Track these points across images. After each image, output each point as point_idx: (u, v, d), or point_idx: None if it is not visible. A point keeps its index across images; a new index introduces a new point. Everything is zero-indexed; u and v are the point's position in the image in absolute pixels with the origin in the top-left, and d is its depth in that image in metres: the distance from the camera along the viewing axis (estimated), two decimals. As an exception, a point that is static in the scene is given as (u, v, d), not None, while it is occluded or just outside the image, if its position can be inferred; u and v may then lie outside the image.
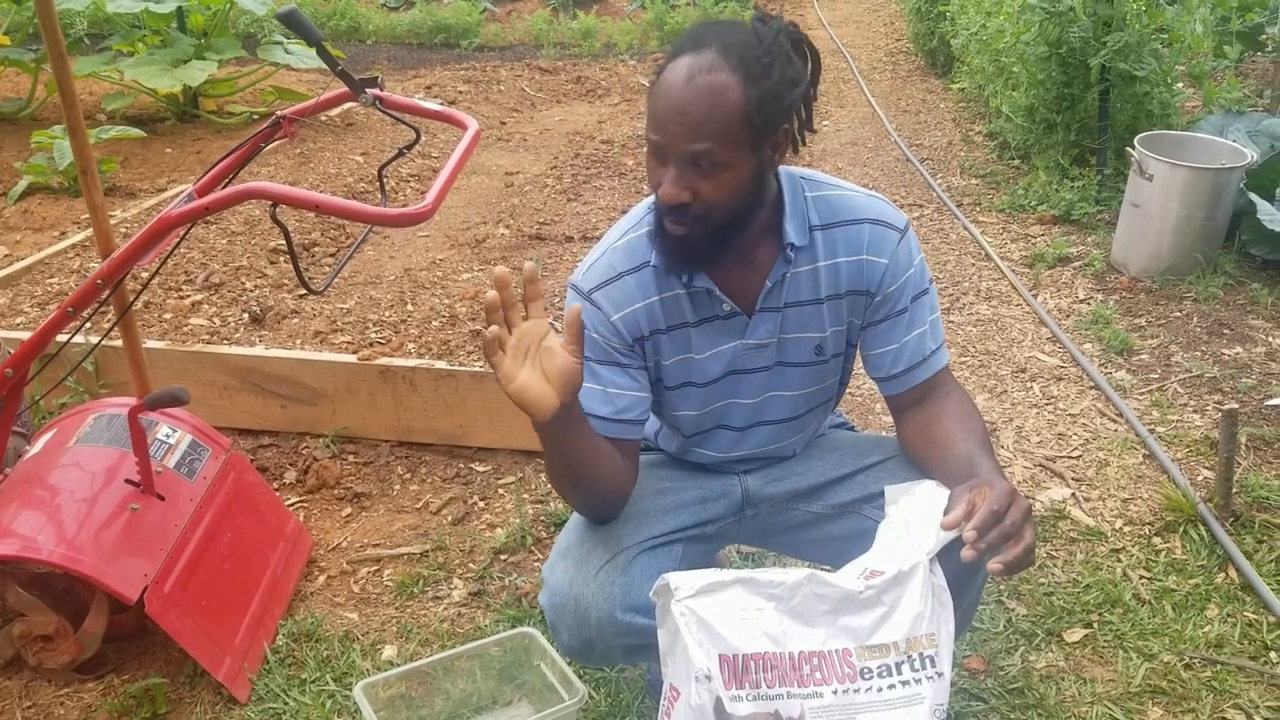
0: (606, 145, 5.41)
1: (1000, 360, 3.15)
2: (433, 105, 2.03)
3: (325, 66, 1.98)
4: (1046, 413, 2.84)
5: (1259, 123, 4.02)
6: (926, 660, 1.31)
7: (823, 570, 1.35)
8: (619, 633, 1.52)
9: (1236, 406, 2.30)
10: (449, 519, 2.47)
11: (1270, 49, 5.03)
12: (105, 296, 1.94)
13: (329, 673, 1.99)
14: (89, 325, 2.23)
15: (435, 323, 3.24)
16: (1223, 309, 3.35)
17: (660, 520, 1.63)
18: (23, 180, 4.68)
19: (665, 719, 1.32)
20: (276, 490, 2.49)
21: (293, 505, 2.52)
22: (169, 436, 2.12)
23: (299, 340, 3.09)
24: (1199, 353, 3.09)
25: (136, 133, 5.06)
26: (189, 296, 3.42)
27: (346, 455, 2.70)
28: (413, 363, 2.67)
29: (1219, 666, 1.93)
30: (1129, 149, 3.62)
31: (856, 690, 1.29)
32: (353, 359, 2.71)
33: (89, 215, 2.08)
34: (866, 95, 6.46)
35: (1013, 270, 3.75)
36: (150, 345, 2.74)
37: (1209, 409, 2.79)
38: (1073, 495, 2.47)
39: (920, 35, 7.23)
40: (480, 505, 2.53)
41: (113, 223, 3.35)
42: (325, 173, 4.86)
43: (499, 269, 1.31)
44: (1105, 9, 4.00)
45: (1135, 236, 3.61)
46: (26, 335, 2.19)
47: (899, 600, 1.31)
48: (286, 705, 1.91)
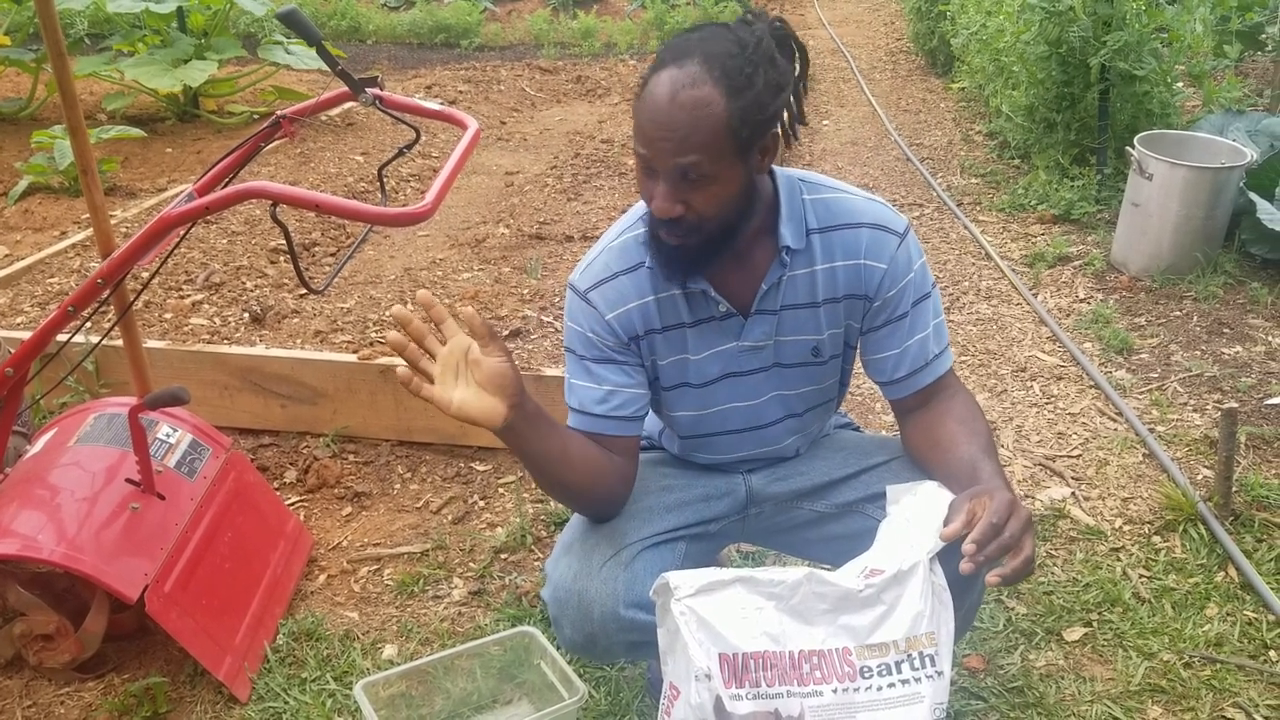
0: (606, 145, 5.41)
1: (1000, 359, 3.15)
2: (433, 105, 2.03)
3: (325, 66, 1.98)
4: (1046, 412, 2.85)
5: (1259, 122, 4.02)
6: (926, 659, 1.31)
7: (823, 569, 1.35)
8: (622, 629, 1.53)
9: (1236, 406, 2.30)
10: (449, 518, 2.48)
11: (1270, 48, 5.03)
12: (105, 296, 1.94)
13: (329, 672, 1.99)
14: (89, 325, 2.23)
15: (411, 310, 3.23)
16: (1222, 308, 3.35)
17: (664, 517, 1.63)
18: (23, 180, 4.68)
19: (665, 717, 1.33)
20: (277, 490, 2.49)
21: (293, 504, 2.53)
22: (169, 436, 2.12)
23: (299, 340, 3.09)
24: (1199, 352, 3.09)
25: (137, 133, 5.07)
26: (189, 296, 3.42)
27: (347, 454, 2.70)
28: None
29: (1218, 665, 1.93)
30: (1129, 148, 3.62)
31: (856, 689, 1.29)
32: (353, 358, 2.72)
33: (89, 215, 2.08)
34: (866, 95, 6.46)
35: (1013, 269, 3.75)
36: (150, 345, 2.74)
37: (1209, 408, 2.79)
38: (1072, 494, 2.47)
39: (920, 35, 7.23)
40: (480, 504, 2.53)
41: (113, 222, 3.36)
42: (325, 172, 4.86)
43: (396, 308, 1.33)
44: (1105, 8, 4.00)
45: (1135, 236, 3.61)
46: (27, 335, 2.19)
47: (899, 599, 1.31)
48: (287, 704, 1.91)
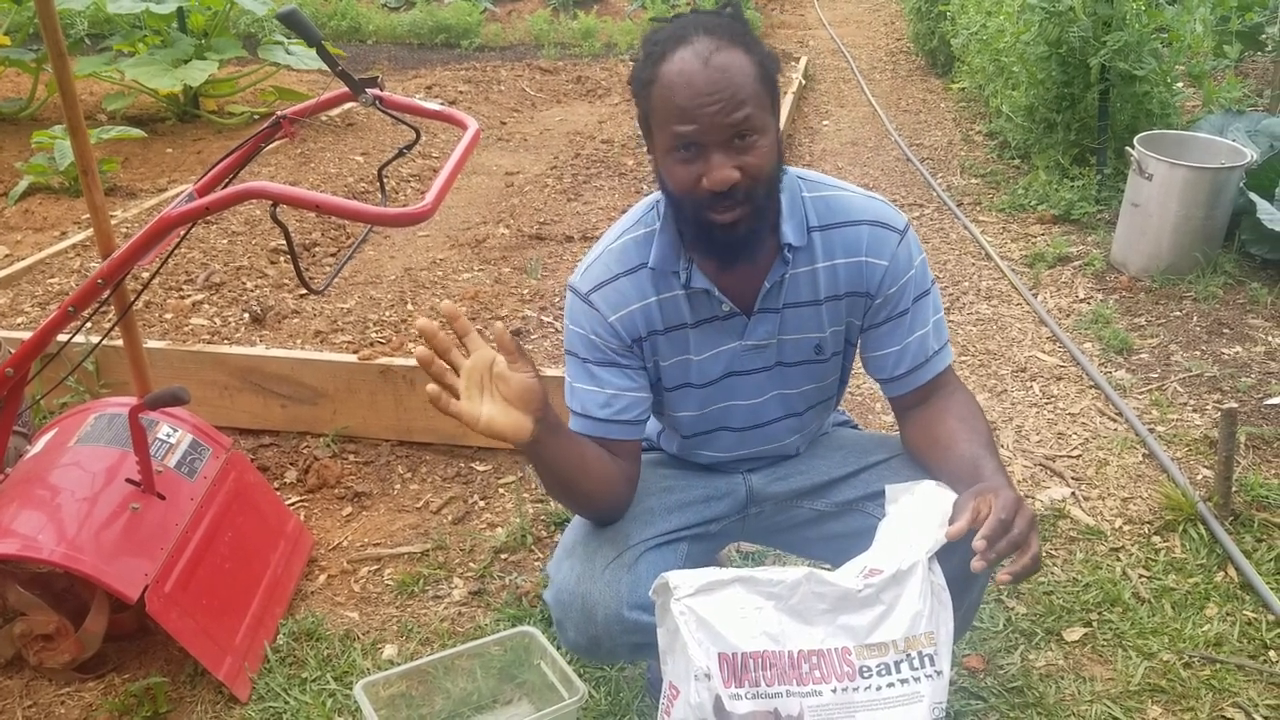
0: (606, 145, 5.41)
1: (1000, 359, 3.15)
2: (433, 105, 2.03)
3: (325, 67, 1.98)
4: (1046, 412, 2.85)
5: (1259, 122, 4.02)
6: (925, 659, 1.31)
7: (822, 569, 1.35)
8: (625, 630, 1.53)
9: (1236, 406, 2.30)
10: (449, 518, 2.48)
11: (1270, 48, 5.03)
12: (106, 296, 1.94)
13: (329, 672, 1.99)
14: (89, 325, 2.23)
15: (435, 323, 3.24)
16: (1222, 308, 3.35)
17: (665, 518, 1.63)
18: (23, 180, 4.68)
19: (665, 717, 1.33)
20: (277, 490, 2.49)
21: (293, 504, 2.53)
22: (170, 436, 2.12)
23: (299, 340, 3.09)
24: (1198, 352, 3.09)
25: (137, 133, 5.07)
26: (189, 296, 3.42)
27: (347, 455, 2.71)
28: (413, 362, 2.67)
29: (1218, 665, 1.93)
30: (1129, 148, 3.62)
31: (855, 689, 1.29)
32: (353, 359, 2.72)
33: (89, 215, 2.08)
34: (867, 95, 6.46)
35: (1013, 270, 3.75)
36: (151, 345, 2.74)
37: (1208, 408, 2.79)
38: (1072, 494, 2.47)
39: (920, 35, 7.23)
40: (480, 504, 2.53)
41: (113, 223, 3.36)
42: (325, 173, 4.86)
43: (421, 321, 1.31)
44: (1105, 9, 4.01)
45: (1135, 236, 3.61)
46: (27, 335, 2.19)
47: (898, 599, 1.31)
48: (287, 704, 1.91)
